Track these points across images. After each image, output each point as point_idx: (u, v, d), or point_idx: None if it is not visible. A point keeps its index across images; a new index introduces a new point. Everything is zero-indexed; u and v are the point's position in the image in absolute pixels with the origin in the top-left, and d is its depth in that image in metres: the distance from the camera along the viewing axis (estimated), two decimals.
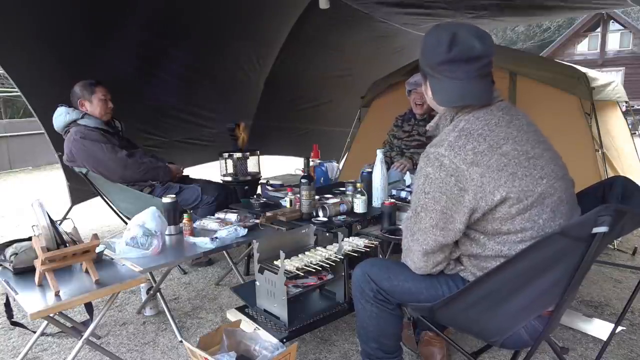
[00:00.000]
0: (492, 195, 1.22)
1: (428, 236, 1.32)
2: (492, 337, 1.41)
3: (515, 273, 1.25)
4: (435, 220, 1.29)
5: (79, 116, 2.81)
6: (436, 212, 1.28)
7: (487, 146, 1.25)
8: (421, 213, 1.32)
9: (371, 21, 4.66)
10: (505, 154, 1.25)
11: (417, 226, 1.34)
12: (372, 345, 1.57)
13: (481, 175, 1.22)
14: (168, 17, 3.57)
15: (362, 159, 3.61)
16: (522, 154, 1.27)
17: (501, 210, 1.24)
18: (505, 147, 1.26)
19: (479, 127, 1.28)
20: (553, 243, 1.19)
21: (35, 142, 9.02)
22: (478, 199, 1.23)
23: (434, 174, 1.26)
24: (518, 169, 1.25)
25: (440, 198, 1.26)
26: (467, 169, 1.23)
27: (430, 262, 1.38)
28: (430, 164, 1.28)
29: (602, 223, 1.12)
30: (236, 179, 3.44)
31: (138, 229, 1.95)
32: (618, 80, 4.02)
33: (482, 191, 1.23)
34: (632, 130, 4.34)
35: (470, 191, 1.23)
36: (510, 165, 1.24)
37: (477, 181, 1.22)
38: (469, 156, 1.23)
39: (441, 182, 1.25)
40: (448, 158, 1.24)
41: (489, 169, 1.22)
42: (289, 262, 1.79)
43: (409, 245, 1.40)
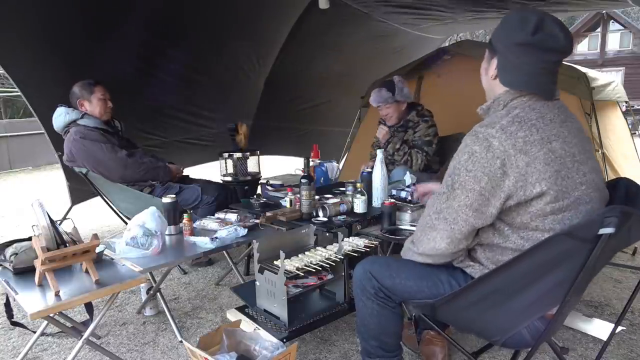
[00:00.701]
0: (532, 187, 1.21)
1: (459, 216, 1.28)
2: (494, 336, 1.40)
3: (520, 272, 1.23)
4: (470, 200, 1.26)
5: (78, 116, 2.81)
6: (474, 192, 1.25)
7: (538, 138, 1.23)
8: (458, 190, 1.27)
9: (371, 21, 4.66)
10: (553, 150, 1.23)
11: (448, 203, 1.30)
12: (373, 343, 1.56)
13: (527, 164, 1.20)
14: (168, 17, 3.56)
15: (362, 159, 3.62)
16: (568, 155, 1.25)
17: (536, 205, 1.23)
18: (555, 143, 1.24)
19: (533, 117, 1.26)
20: (559, 243, 1.17)
21: (35, 142, 9.02)
22: (518, 187, 1.21)
23: (481, 153, 1.23)
24: (562, 168, 1.23)
25: (481, 178, 1.23)
26: (515, 154, 1.20)
27: (452, 247, 1.33)
28: (479, 143, 1.24)
29: (608, 224, 1.11)
30: (236, 179, 3.44)
31: (138, 229, 1.95)
32: (618, 80, 4.02)
33: (524, 180, 1.21)
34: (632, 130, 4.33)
35: (512, 177, 1.21)
36: (556, 162, 1.23)
37: (522, 169, 1.20)
38: (519, 143, 1.21)
39: (487, 162, 1.22)
40: (498, 140, 1.22)
41: (535, 160, 1.21)
42: (289, 262, 1.79)
43: (434, 223, 1.34)
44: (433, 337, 1.91)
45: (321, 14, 3.95)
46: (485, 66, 1.41)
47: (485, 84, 1.43)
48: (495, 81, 1.36)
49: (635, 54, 20.34)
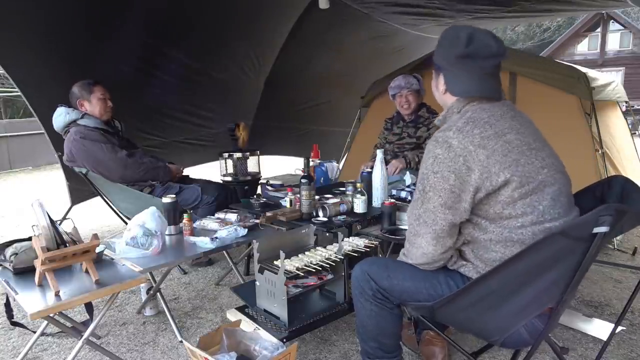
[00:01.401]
0: (497, 177, 1.27)
1: (437, 216, 1.34)
2: (493, 336, 1.41)
3: (516, 273, 1.25)
4: (444, 199, 1.32)
5: (78, 116, 2.80)
6: (445, 191, 1.31)
7: (492, 132, 1.31)
8: (429, 192, 1.34)
9: (371, 21, 4.66)
10: (509, 141, 1.31)
11: (425, 207, 1.36)
12: (372, 344, 1.57)
13: (487, 157, 1.28)
14: (168, 17, 3.57)
15: (362, 159, 3.62)
16: (524, 144, 1.33)
17: (504, 194, 1.28)
18: (509, 135, 1.32)
19: (484, 116, 1.35)
20: (553, 243, 1.20)
21: (35, 142, 9.03)
22: (484, 179, 1.28)
23: (443, 154, 1.31)
24: (521, 156, 1.30)
25: (449, 176, 1.30)
26: (475, 150, 1.28)
27: (439, 247, 1.38)
28: (439, 146, 1.33)
29: (602, 223, 1.14)
30: (236, 179, 3.44)
31: (138, 229, 1.95)
32: (618, 80, 4.02)
33: (488, 172, 1.27)
34: (632, 130, 4.34)
35: (477, 170, 1.28)
36: (513, 152, 1.30)
37: (484, 162, 1.27)
38: (476, 139, 1.30)
39: (450, 161, 1.30)
40: (457, 139, 1.30)
41: (494, 152, 1.28)
42: (289, 262, 1.79)
43: (417, 229, 1.40)
44: (433, 338, 1.91)
45: (321, 14, 3.95)
46: (434, 83, 1.53)
47: (439, 99, 1.54)
48: (446, 95, 1.47)
49: (635, 54, 20.33)
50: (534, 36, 25.90)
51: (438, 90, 1.51)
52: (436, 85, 1.52)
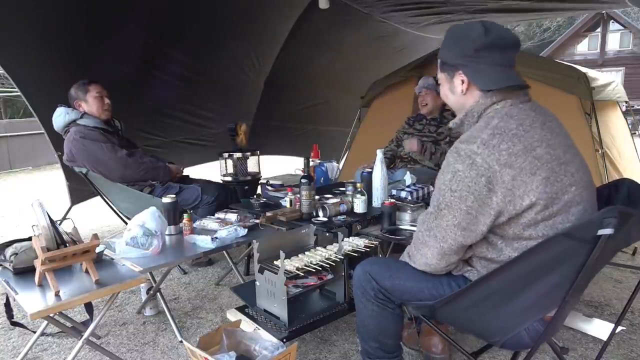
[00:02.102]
0: (521, 200, 1.19)
1: (448, 234, 1.28)
2: (493, 337, 1.40)
3: (519, 274, 1.23)
4: (458, 220, 1.25)
5: (78, 116, 2.80)
6: (460, 212, 1.24)
7: (521, 147, 1.20)
8: (444, 210, 1.27)
9: (371, 21, 4.66)
10: (538, 157, 1.21)
11: (437, 222, 1.30)
12: (372, 344, 1.56)
13: (513, 177, 1.18)
14: (168, 17, 3.57)
15: (362, 159, 3.62)
16: (554, 159, 1.23)
17: (527, 216, 1.21)
18: (539, 149, 1.22)
19: (513, 126, 1.24)
20: (557, 244, 1.17)
21: (35, 142, 9.02)
22: (506, 202, 1.20)
23: (464, 172, 1.21)
24: (550, 173, 1.21)
25: (467, 197, 1.22)
26: (500, 169, 1.19)
27: (444, 263, 1.34)
28: (461, 161, 1.23)
29: (607, 225, 1.10)
30: (236, 179, 3.44)
31: (138, 229, 1.95)
32: (618, 80, 4.02)
33: (512, 194, 1.19)
34: (632, 130, 4.34)
35: (500, 193, 1.19)
36: (543, 169, 1.20)
37: (508, 184, 1.18)
38: (503, 156, 1.19)
39: (471, 181, 1.21)
40: (481, 157, 1.20)
41: (521, 171, 1.19)
42: (289, 262, 1.79)
43: (425, 240, 1.35)
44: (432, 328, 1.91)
45: (321, 14, 3.95)
46: (447, 87, 1.42)
47: (455, 103, 1.43)
48: (465, 95, 1.37)
49: (635, 54, 20.33)
50: (534, 36, 25.90)
51: (454, 93, 1.40)
52: (451, 88, 1.41)
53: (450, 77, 1.40)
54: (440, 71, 1.43)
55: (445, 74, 1.42)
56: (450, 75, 1.39)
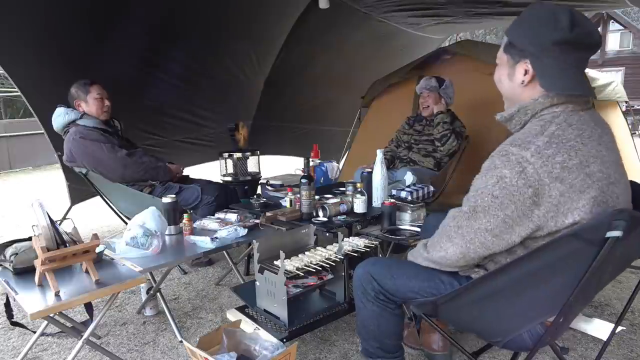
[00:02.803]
0: (564, 217, 1.12)
1: (477, 237, 1.21)
2: (495, 337, 1.38)
3: (524, 273, 1.20)
4: (492, 226, 1.18)
5: (77, 116, 2.80)
6: (497, 219, 1.17)
7: (577, 162, 1.12)
8: (480, 213, 1.19)
9: (371, 21, 4.66)
10: (591, 174, 1.13)
11: (469, 223, 1.22)
12: (373, 344, 1.56)
13: (561, 193, 1.11)
14: (168, 17, 3.56)
15: (362, 159, 3.62)
16: (605, 178, 1.15)
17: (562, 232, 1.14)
18: (593, 166, 1.13)
19: (571, 137, 1.14)
20: (565, 245, 1.13)
21: (35, 142, 9.03)
22: (548, 218, 1.13)
23: (512, 179, 1.12)
24: (599, 193, 1.13)
25: (508, 206, 1.14)
26: (550, 183, 1.10)
27: (462, 262, 1.28)
28: (510, 167, 1.13)
29: (616, 227, 1.07)
30: (236, 179, 3.44)
31: (138, 229, 1.95)
32: (618, 80, 4.02)
33: (556, 210, 1.12)
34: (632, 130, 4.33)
35: (543, 208, 1.12)
36: (592, 188, 1.12)
37: (555, 199, 1.11)
38: (556, 169, 1.10)
39: (517, 190, 1.12)
40: (533, 167, 1.11)
41: (571, 188, 1.11)
42: (289, 262, 1.79)
43: (451, 234, 1.27)
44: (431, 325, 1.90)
45: (321, 14, 3.96)
46: (506, 72, 1.28)
47: (508, 92, 1.30)
48: (525, 87, 1.24)
49: (635, 54, 20.33)
50: None
51: (512, 81, 1.26)
52: (509, 75, 1.27)
53: (513, 62, 1.25)
54: (504, 51, 1.28)
55: (508, 56, 1.27)
56: (514, 60, 1.25)
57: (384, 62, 5.13)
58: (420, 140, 3.38)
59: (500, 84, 1.32)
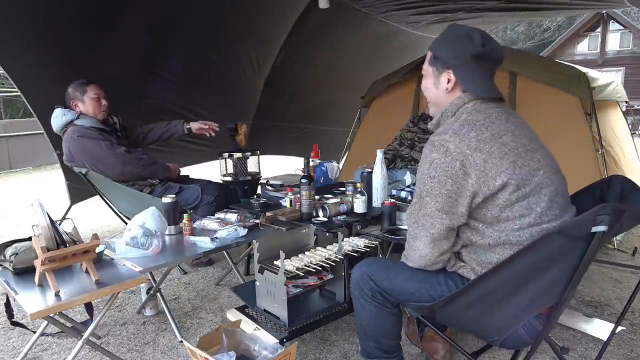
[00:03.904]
0: (494, 180, 1.27)
1: (434, 220, 1.34)
2: (492, 336, 1.41)
3: (514, 272, 1.25)
4: (441, 204, 1.32)
5: (75, 117, 2.80)
6: (442, 196, 1.31)
7: (489, 135, 1.30)
8: (426, 197, 1.34)
9: (371, 21, 4.66)
10: (505, 143, 1.30)
11: (422, 211, 1.36)
12: (371, 344, 1.57)
13: (484, 160, 1.27)
14: (168, 16, 3.57)
15: (362, 159, 3.62)
16: (520, 146, 1.32)
17: (501, 197, 1.28)
18: (505, 137, 1.31)
19: (480, 118, 1.34)
20: (552, 242, 1.20)
21: (35, 142, 9.02)
22: (480, 183, 1.27)
23: (440, 158, 1.30)
24: (517, 158, 1.30)
25: (445, 182, 1.29)
26: (472, 154, 1.27)
27: (437, 250, 1.38)
28: (436, 150, 1.32)
29: (600, 222, 1.14)
30: (236, 179, 3.44)
31: (138, 229, 1.95)
32: (618, 80, 4.02)
33: (485, 176, 1.27)
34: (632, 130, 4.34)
35: (474, 175, 1.27)
36: (510, 154, 1.29)
37: (481, 166, 1.27)
38: (473, 142, 1.29)
39: (447, 165, 1.29)
40: (453, 143, 1.29)
41: (491, 155, 1.27)
42: (289, 262, 1.79)
43: (415, 232, 1.40)
44: (435, 334, 1.91)
45: (321, 14, 3.95)
46: (432, 82, 1.48)
47: (434, 98, 1.50)
48: (447, 94, 1.44)
49: (635, 54, 20.33)
50: (534, 36, 25.91)
51: (438, 89, 1.47)
52: (435, 83, 1.47)
53: (438, 73, 1.46)
54: (429, 64, 1.49)
55: (433, 68, 1.47)
56: (438, 71, 1.46)
57: (384, 62, 5.13)
58: (425, 139, 3.38)
59: (428, 91, 1.52)
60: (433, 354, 1.91)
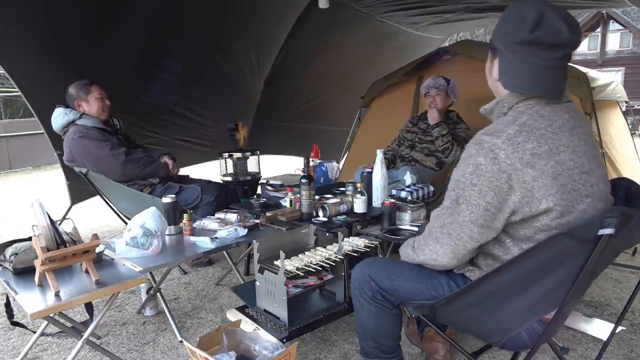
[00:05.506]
0: (539, 203, 1.15)
1: (464, 232, 1.22)
2: (493, 337, 1.39)
3: (519, 273, 1.22)
4: (476, 216, 1.20)
5: (76, 116, 2.80)
6: (479, 208, 1.19)
7: (546, 149, 1.16)
8: (462, 205, 1.21)
9: (371, 21, 4.66)
10: (561, 162, 1.17)
11: (453, 218, 1.23)
12: (370, 344, 1.57)
13: (534, 178, 1.14)
14: (168, 16, 3.57)
15: (362, 159, 3.62)
16: (576, 167, 1.19)
17: (542, 220, 1.18)
18: (563, 155, 1.17)
19: (541, 126, 1.18)
20: (558, 244, 1.15)
21: (35, 142, 9.02)
22: (524, 203, 1.16)
23: (487, 165, 1.16)
24: (569, 181, 1.17)
25: (487, 193, 1.17)
26: (522, 168, 1.14)
27: (455, 261, 1.28)
28: (484, 154, 1.17)
29: (608, 225, 1.10)
30: (236, 179, 3.44)
31: (138, 229, 1.95)
32: (618, 80, 4.02)
33: (530, 196, 1.15)
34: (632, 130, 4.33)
35: (519, 192, 1.15)
36: (563, 175, 1.16)
37: (529, 184, 1.15)
38: (526, 156, 1.15)
39: (492, 176, 1.16)
40: (505, 152, 1.15)
41: (542, 174, 1.15)
42: (289, 262, 1.79)
43: (437, 236, 1.28)
44: (435, 334, 1.91)
45: (321, 14, 3.95)
46: (489, 66, 1.35)
47: (491, 85, 1.36)
48: (499, 82, 1.29)
49: (635, 54, 20.32)
50: None
51: (491, 76, 1.33)
52: (490, 69, 1.33)
53: (492, 58, 1.32)
54: (490, 46, 1.33)
55: (490, 52, 1.33)
56: (492, 56, 1.31)
57: (384, 62, 5.13)
58: (424, 139, 3.37)
59: (487, 77, 1.38)
60: (433, 354, 1.91)
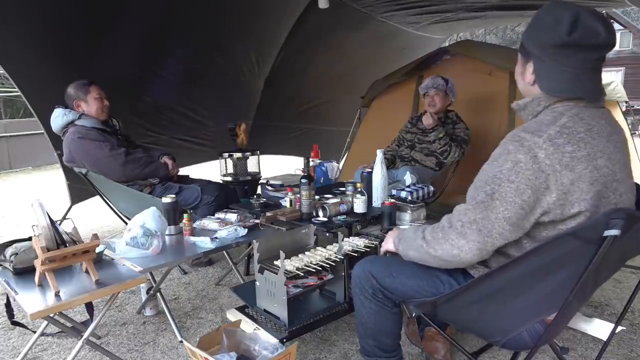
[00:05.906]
0: (571, 207, 1.13)
1: (495, 228, 1.17)
2: (494, 336, 1.39)
3: (522, 272, 1.20)
4: (510, 213, 1.15)
5: (76, 117, 2.80)
6: (515, 206, 1.15)
7: (585, 154, 1.14)
8: (497, 201, 1.16)
9: (371, 21, 4.66)
10: (598, 168, 1.15)
11: (486, 214, 1.18)
12: (370, 343, 1.57)
13: (571, 182, 1.12)
14: (168, 16, 3.57)
15: (362, 159, 3.62)
16: (610, 174, 1.17)
17: (568, 224, 1.16)
18: (600, 160, 1.15)
19: (581, 130, 1.16)
20: (563, 244, 1.15)
21: (35, 142, 9.02)
22: (557, 205, 1.13)
23: (526, 163, 1.12)
24: (603, 188, 1.16)
25: (524, 191, 1.13)
26: (561, 170, 1.12)
27: (478, 258, 1.23)
28: (524, 152, 1.13)
29: (613, 226, 1.08)
30: (236, 179, 3.44)
31: (138, 229, 1.95)
32: (618, 80, 4.02)
33: (565, 199, 1.13)
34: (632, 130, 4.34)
35: (555, 194, 1.13)
36: (599, 182, 1.15)
37: (566, 187, 1.12)
38: (566, 158, 1.12)
39: (532, 174, 1.12)
40: (545, 152, 1.12)
41: (580, 178, 1.13)
42: (289, 262, 1.79)
43: (464, 231, 1.21)
44: (435, 334, 1.91)
45: (321, 14, 3.95)
46: (520, 70, 1.31)
47: (523, 89, 1.33)
48: (534, 86, 1.26)
49: (635, 54, 20.32)
50: None
51: (524, 80, 1.29)
52: (522, 73, 1.30)
53: (524, 62, 1.29)
54: (519, 50, 1.31)
55: (521, 55, 1.30)
56: (524, 59, 1.29)
57: (384, 62, 5.14)
58: (424, 139, 3.37)
59: (518, 81, 1.35)
60: (433, 354, 1.91)
